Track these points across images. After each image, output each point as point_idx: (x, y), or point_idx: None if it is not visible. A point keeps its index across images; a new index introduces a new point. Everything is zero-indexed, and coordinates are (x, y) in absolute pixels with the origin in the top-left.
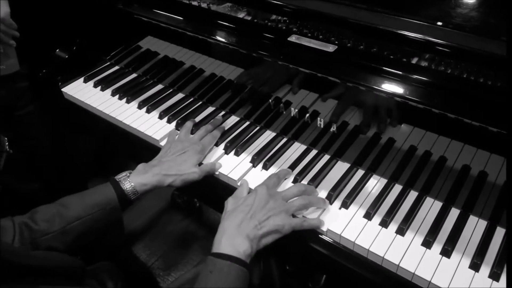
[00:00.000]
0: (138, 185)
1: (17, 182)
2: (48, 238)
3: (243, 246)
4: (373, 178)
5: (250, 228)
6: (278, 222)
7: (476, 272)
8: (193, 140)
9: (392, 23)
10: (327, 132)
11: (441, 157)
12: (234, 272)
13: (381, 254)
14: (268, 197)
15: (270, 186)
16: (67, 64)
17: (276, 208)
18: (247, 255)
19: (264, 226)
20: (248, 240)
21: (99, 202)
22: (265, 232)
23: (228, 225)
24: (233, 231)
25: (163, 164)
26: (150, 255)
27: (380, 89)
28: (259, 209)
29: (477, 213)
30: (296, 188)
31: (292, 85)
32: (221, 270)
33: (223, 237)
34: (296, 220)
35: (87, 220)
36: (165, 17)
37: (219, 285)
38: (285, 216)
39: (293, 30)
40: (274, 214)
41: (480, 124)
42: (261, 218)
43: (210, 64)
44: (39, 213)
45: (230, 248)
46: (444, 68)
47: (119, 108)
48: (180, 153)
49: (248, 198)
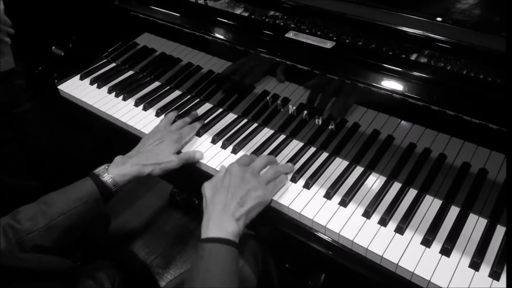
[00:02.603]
0: (118, 177)
1: (15, 180)
2: (34, 236)
3: (231, 227)
4: (372, 175)
5: (233, 207)
6: (258, 194)
7: (476, 271)
8: (170, 129)
9: (391, 19)
10: (326, 129)
11: (441, 155)
12: (224, 253)
13: (380, 253)
14: (243, 173)
15: (241, 163)
16: (63, 62)
17: (252, 181)
18: (236, 234)
19: (246, 202)
20: (235, 220)
21: (81, 196)
22: (250, 207)
23: (212, 210)
24: (218, 215)
25: (141, 155)
26: (149, 253)
27: (378, 86)
28: (237, 187)
29: (477, 211)
30: (263, 159)
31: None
32: (210, 252)
33: (210, 223)
34: (270, 185)
35: (71, 214)
36: (162, 14)
37: (210, 267)
38: (263, 187)
39: (291, 26)
40: (253, 187)
41: (480, 121)
42: (241, 194)
43: (208, 61)
44: (22, 213)
45: (218, 231)
46: (443, 64)
47: (116, 106)
48: (158, 142)
49: (223, 179)
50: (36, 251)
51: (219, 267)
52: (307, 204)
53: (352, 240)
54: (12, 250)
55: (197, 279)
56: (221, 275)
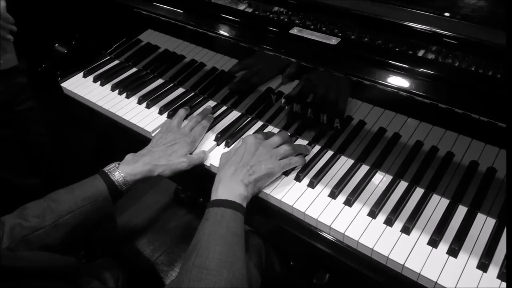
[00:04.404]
0: (128, 175)
1: (17, 178)
2: (40, 233)
3: (239, 190)
4: (377, 174)
5: (243, 174)
6: (269, 165)
7: (484, 273)
8: (184, 131)
9: (398, 14)
10: (331, 127)
11: (448, 153)
12: (229, 214)
13: (385, 254)
14: (257, 144)
15: (258, 136)
16: (66, 59)
17: (266, 154)
18: (244, 197)
19: (256, 171)
20: (243, 184)
21: (90, 195)
22: (259, 177)
23: (224, 175)
24: (228, 179)
25: (154, 154)
26: (153, 250)
27: (385, 83)
28: (250, 156)
29: (485, 211)
30: (280, 136)
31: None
32: (216, 215)
33: (220, 185)
34: (283, 161)
35: (78, 213)
36: (165, 10)
37: (215, 228)
38: (275, 160)
39: (295, 22)
40: (264, 159)
41: (488, 119)
42: (252, 163)
43: (211, 58)
44: (29, 209)
45: (226, 193)
46: (451, 61)
47: (119, 103)
48: (171, 144)
49: (238, 149)
50: (42, 249)
51: (224, 229)
52: (311, 203)
53: (357, 240)
54: (17, 248)
55: (201, 240)
56: (226, 237)
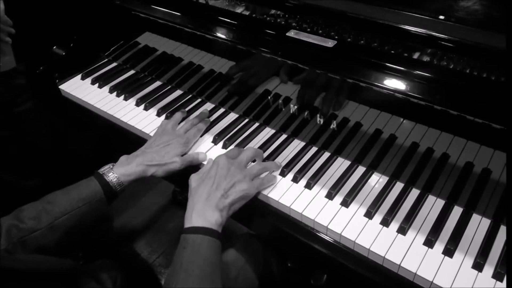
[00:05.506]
0: (122, 176)
1: (17, 179)
2: (37, 235)
3: (214, 216)
4: (374, 175)
5: (217, 198)
6: (243, 187)
7: (479, 272)
8: (178, 133)
9: (393, 17)
10: (327, 129)
11: (444, 154)
12: (206, 243)
13: (382, 254)
14: (229, 165)
15: (229, 155)
16: (64, 61)
17: (239, 174)
18: (219, 224)
19: (231, 194)
20: (218, 210)
21: (85, 196)
22: (233, 200)
23: (197, 200)
24: (202, 205)
25: (147, 155)
26: (151, 252)
27: (381, 85)
28: (222, 178)
29: (480, 212)
30: (250, 152)
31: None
32: (194, 243)
33: (193, 213)
34: (257, 181)
35: (74, 214)
36: (163, 13)
37: (193, 258)
38: (248, 181)
39: (292, 25)
40: (238, 180)
41: (483, 121)
42: (226, 186)
43: (209, 60)
44: (25, 211)
45: (201, 220)
46: (446, 63)
47: (117, 106)
48: (164, 145)
49: (210, 170)
50: (39, 250)
51: (201, 259)
52: (308, 204)
53: (354, 240)
54: (14, 250)
55: (180, 270)
56: (203, 267)
